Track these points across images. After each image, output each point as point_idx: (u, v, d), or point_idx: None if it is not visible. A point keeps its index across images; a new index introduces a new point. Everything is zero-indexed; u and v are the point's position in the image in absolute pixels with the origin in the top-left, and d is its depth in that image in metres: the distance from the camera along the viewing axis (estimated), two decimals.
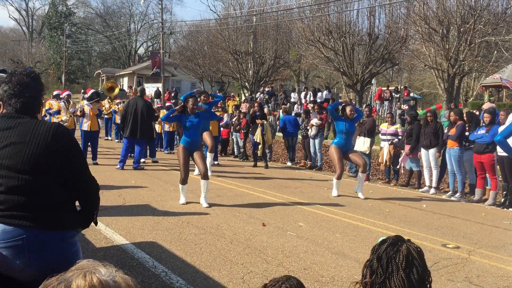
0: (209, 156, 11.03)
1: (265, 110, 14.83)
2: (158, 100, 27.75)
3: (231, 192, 8.84)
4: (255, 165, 13.18)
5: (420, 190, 10.41)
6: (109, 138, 19.77)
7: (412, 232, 6.36)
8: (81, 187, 2.45)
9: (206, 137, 10.80)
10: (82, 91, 26.78)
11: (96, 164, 11.54)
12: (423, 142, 10.23)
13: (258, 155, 13.17)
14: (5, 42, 61.96)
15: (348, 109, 9.06)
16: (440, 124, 10.55)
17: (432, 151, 10.11)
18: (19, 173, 2.21)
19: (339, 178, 8.94)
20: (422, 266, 1.72)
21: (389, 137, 11.20)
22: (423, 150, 10.31)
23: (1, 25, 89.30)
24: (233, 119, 16.02)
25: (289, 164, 14.43)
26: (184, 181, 7.47)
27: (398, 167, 11.14)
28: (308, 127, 13.59)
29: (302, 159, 14.59)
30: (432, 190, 10.14)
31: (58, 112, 12.27)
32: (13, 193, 2.20)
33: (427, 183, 10.38)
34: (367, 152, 11.54)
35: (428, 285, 1.71)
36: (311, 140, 13.58)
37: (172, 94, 29.00)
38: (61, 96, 13.10)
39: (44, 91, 2.61)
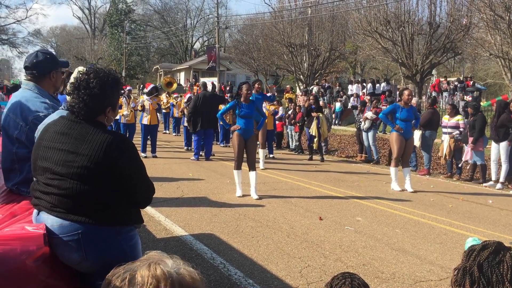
0: (261, 152, 11.08)
1: (321, 102, 14.64)
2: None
3: (287, 185, 8.81)
4: (310, 159, 13.08)
5: (485, 184, 9.93)
6: (167, 132, 20.28)
7: (478, 229, 6.08)
8: (136, 195, 2.39)
9: (259, 133, 10.89)
10: (141, 86, 27.52)
11: (155, 157, 11.89)
12: (492, 135, 9.76)
13: (314, 148, 13.06)
14: (69, 39, 65.15)
15: (406, 92, 8.87)
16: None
17: (502, 144, 9.58)
18: (72, 179, 2.21)
19: (395, 165, 8.75)
20: None
21: (449, 130, 10.75)
22: (493, 143, 9.83)
23: (66, 23, 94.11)
24: (289, 112, 15.95)
25: None
26: (238, 166, 7.65)
27: (460, 164, 10.66)
28: (361, 120, 13.32)
29: (358, 152, 14.31)
30: (499, 185, 9.63)
31: (120, 106, 12.72)
32: (68, 195, 2.22)
33: (493, 177, 9.88)
34: (418, 145, 11.16)
35: None
36: (363, 133, 13.29)
37: (228, 88, 29.28)
38: (122, 91, 13.55)
39: (105, 94, 2.33)
